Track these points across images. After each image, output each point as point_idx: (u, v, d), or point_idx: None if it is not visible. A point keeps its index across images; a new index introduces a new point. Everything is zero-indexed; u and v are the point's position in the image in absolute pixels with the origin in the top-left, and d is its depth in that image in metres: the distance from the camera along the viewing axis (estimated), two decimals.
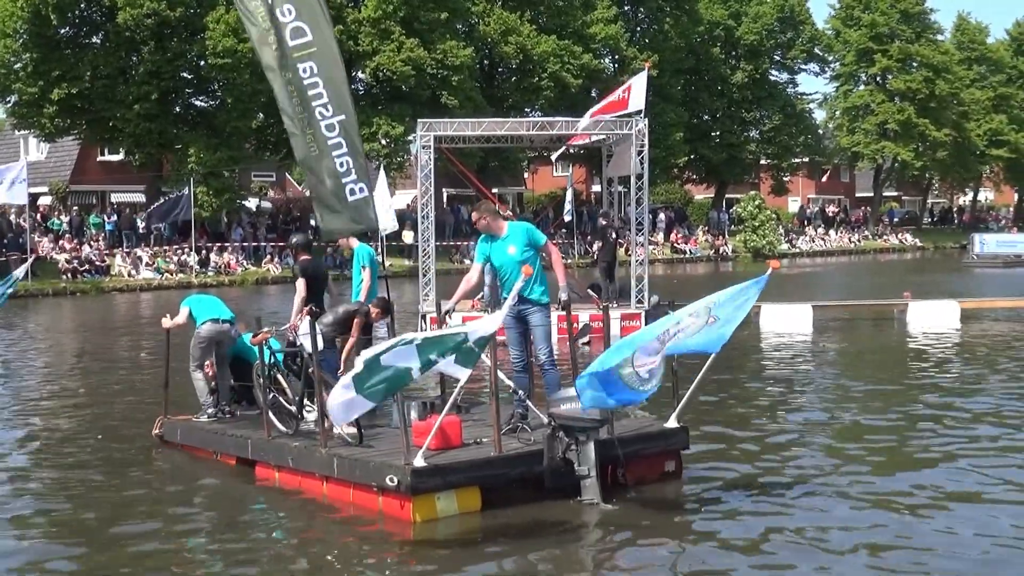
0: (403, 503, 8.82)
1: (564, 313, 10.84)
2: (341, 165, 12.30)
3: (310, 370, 10.30)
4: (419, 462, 8.68)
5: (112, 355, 21.31)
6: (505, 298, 9.77)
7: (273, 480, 10.38)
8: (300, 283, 11.59)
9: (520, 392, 10.22)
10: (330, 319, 11.23)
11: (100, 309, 33.71)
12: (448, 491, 8.91)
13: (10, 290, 22.63)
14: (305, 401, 10.64)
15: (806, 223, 71.66)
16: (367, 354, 8.44)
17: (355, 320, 11.23)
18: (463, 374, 8.66)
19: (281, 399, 10.87)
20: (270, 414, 10.62)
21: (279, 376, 10.95)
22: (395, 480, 8.71)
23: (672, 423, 10.18)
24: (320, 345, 10.11)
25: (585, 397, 9.00)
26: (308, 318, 10.52)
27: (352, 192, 12.45)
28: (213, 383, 11.96)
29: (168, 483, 10.67)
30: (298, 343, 10.97)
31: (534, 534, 8.50)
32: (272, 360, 10.90)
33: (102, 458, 11.58)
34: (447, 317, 11.09)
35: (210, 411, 11.84)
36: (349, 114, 12.37)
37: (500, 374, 9.69)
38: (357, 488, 9.32)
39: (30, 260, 31.99)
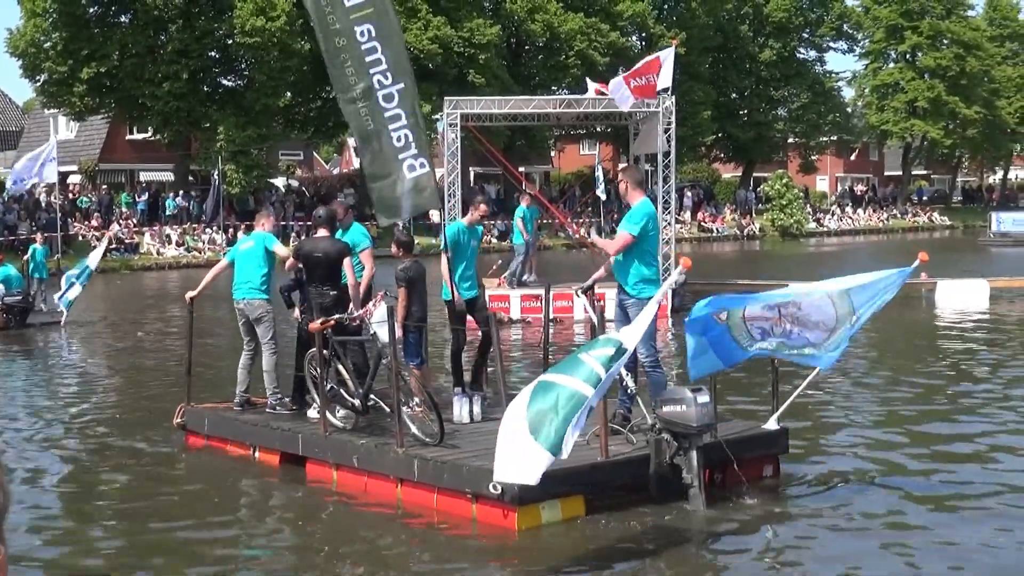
0: (507, 512, 8.19)
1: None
2: (399, 139, 10.81)
3: (385, 361, 9.39)
4: None
5: (148, 335, 21.42)
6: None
7: (329, 481, 9.47)
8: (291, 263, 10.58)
9: (630, 388, 9.48)
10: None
11: (131, 287, 33.93)
12: (553, 499, 8.31)
13: (86, 280, 22.85)
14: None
15: (819, 208, 70.76)
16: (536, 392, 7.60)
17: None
18: None
19: (342, 391, 9.89)
20: (325, 410, 9.73)
21: (340, 366, 9.89)
22: (500, 488, 7.97)
23: (772, 424, 9.62)
24: (398, 334, 9.35)
25: (692, 350, 9.04)
26: (384, 304, 9.62)
27: (412, 168, 10.84)
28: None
29: (206, 484, 9.78)
30: (371, 331, 9.83)
31: (636, 542, 8.09)
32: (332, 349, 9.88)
33: (134, 459, 10.78)
34: (579, 293, 10.45)
35: (272, 401, 10.80)
36: (409, 81, 10.98)
37: (622, 370, 9.00)
38: (443, 493, 8.61)
39: (103, 244, 31.98)
